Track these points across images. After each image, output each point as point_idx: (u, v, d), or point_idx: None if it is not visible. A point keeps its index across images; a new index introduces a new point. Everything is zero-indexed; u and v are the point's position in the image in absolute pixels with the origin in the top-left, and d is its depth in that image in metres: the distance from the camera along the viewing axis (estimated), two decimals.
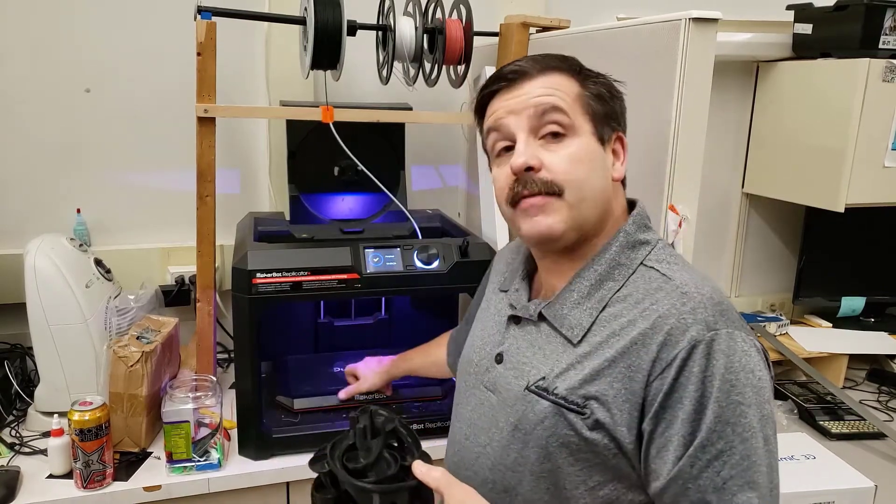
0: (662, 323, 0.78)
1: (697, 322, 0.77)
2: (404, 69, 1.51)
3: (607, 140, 0.88)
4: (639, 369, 0.78)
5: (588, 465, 0.82)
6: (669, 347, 0.77)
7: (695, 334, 0.76)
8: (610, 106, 0.89)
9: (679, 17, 1.11)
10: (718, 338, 0.76)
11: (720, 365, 0.75)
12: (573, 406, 0.81)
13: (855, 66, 1.64)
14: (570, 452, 0.82)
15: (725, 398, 0.75)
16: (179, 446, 1.25)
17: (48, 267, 1.33)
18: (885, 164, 1.69)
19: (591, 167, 0.85)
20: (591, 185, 0.85)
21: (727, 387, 0.75)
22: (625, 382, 0.79)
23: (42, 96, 1.60)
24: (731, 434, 0.74)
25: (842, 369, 1.85)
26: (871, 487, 1.34)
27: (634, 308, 0.82)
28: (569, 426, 0.81)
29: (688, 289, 0.80)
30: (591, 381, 0.80)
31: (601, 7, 1.89)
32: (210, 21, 1.31)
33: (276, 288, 1.25)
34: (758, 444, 0.75)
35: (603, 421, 0.79)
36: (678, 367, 0.76)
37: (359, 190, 1.60)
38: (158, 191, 1.72)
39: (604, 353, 0.81)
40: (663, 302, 0.80)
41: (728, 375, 0.75)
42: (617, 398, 0.79)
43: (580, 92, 0.87)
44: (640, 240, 0.88)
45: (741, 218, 2.10)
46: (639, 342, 0.79)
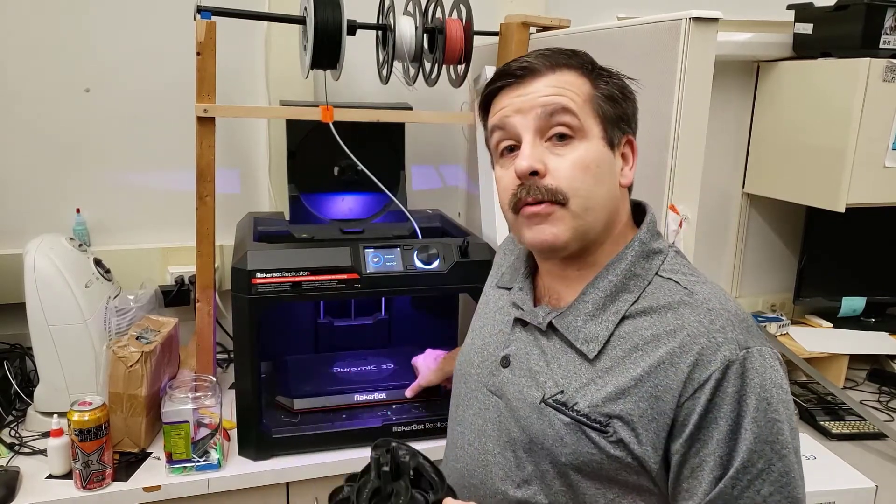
0: (692, 343, 0.76)
1: (729, 341, 0.75)
2: (404, 69, 1.51)
3: (617, 144, 0.84)
4: (667, 389, 0.76)
5: (607, 481, 0.80)
6: (702, 368, 0.75)
7: (728, 354, 0.74)
8: (622, 108, 0.85)
9: (679, 17, 1.11)
10: (751, 356, 0.75)
11: (756, 384, 0.74)
12: (596, 424, 0.78)
13: (855, 66, 1.64)
14: (591, 470, 0.80)
15: (763, 417, 0.74)
16: (179, 446, 1.25)
17: (48, 267, 1.33)
18: (886, 164, 1.69)
19: (598, 174, 0.82)
20: (598, 193, 0.82)
21: (764, 405, 0.74)
22: (651, 402, 0.76)
23: (42, 96, 1.60)
24: (770, 452, 0.74)
25: (842, 369, 1.84)
26: (871, 488, 1.34)
27: (658, 323, 0.79)
28: (591, 444, 0.79)
29: (713, 305, 0.78)
30: (616, 399, 0.78)
31: (601, 7, 1.89)
32: (210, 21, 1.31)
33: (275, 288, 1.25)
34: (792, 458, 0.75)
35: (626, 440, 0.77)
36: (713, 387, 0.74)
37: (359, 190, 1.60)
38: (158, 191, 1.72)
39: (627, 369, 0.78)
40: (689, 319, 0.78)
41: (763, 394, 0.74)
42: (643, 418, 0.77)
43: (591, 92, 0.83)
44: (654, 249, 0.86)
45: (741, 218, 2.10)
46: (667, 361, 0.76)
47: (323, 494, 1.34)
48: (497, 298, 0.99)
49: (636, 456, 0.77)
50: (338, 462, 1.33)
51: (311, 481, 1.33)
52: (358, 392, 1.44)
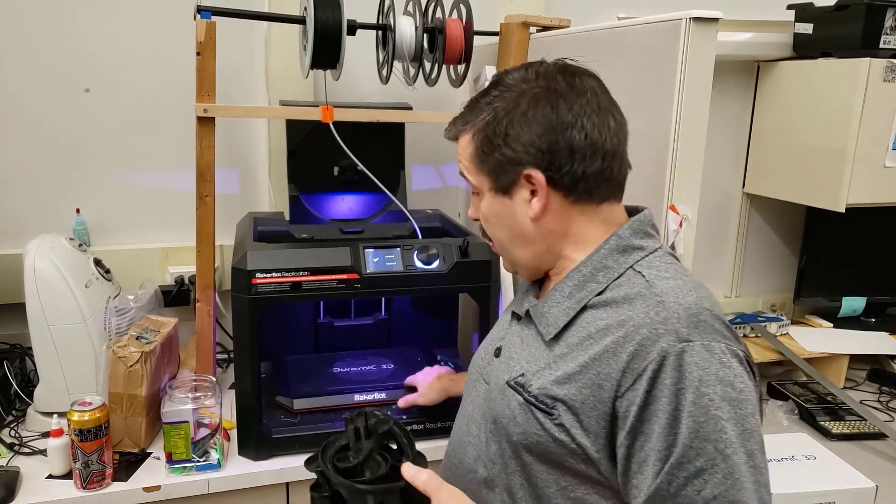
0: (634, 332, 0.76)
1: (668, 333, 0.75)
2: (404, 69, 1.51)
3: (512, 185, 0.85)
4: (608, 378, 0.77)
5: (558, 466, 0.82)
6: (639, 359, 0.75)
7: (665, 345, 0.74)
8: (495, 156, 0.85)
9: (679, 17, 1.11)
10: (691, 349, 0.74)
11: (694, 378, 0.72)
12: (542, 406, 0.81)
13: (855, 66, 1.64)
14: (540, 451, 0.82)
15: (702, 413, 0.72)
16: (179, 447, 1.25)
17: (48, 267, 1.33)
18: (886, 164, 1.69)
19: (499, 223, 0.90)
20: (504, 237, 0.90)
21: (704, 401, 0.72)
22: (593, 390, 0.78)
23: (42, 96, 1.60)
24: (711, 451, 0.71)
25: (842, 369, 1.84)
26: (871, 488, 1.33)
27: (613, 314, 0.80)
28: (538, 425, 0.81)
29: (666, 297, 0.78)
30: (562, 383, 0.80)
31: (601, 7, 1.89)
32: (210, 21, 1.31)
33: (275, 288, 1.25)
34: (740, 460, 0.71)
35: (569, 425, 0.79)
36: (649, 379, 0.74)
37: (359, 190, 1.59)
38: (158, 191, 1.72)
39: (577, 356, 0.80)
40: (639, 309, 0.78)
41: (703, 389, 0.72)
42: (585, 405, 0.78)
43: (474, 152, 0.88)
44: (634, 245, 0.85)
45: (742, 218, 2.10)
46: (610, 350, 0.78)
47: None
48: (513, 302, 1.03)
49: (578, 442, 0.79)
50: None
51: (310, 481, 1.33)
52: (358, 392, 1.44)
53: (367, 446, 0.81)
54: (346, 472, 0.80)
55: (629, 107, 0.93)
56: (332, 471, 0.80)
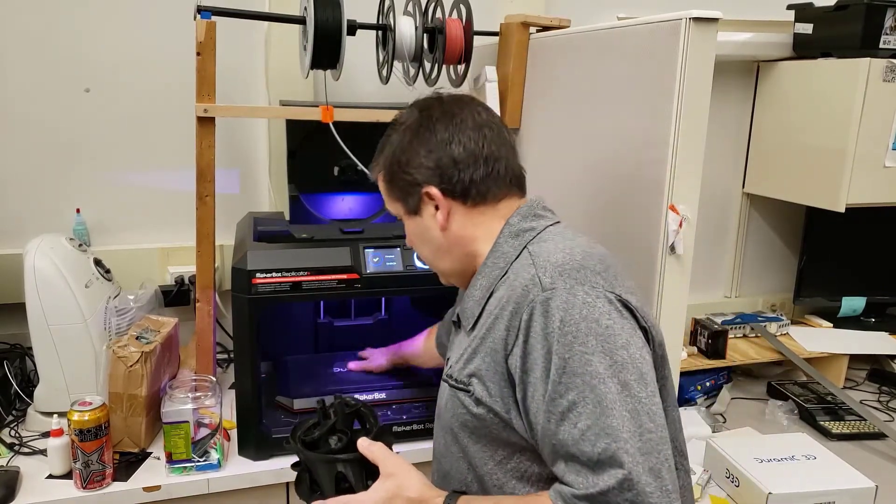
0: (512, 293, 0.85)
1: (535, 286, 0.82)
2: (404, 69, 1.51)
3: (419, 205, 0.95)
4: (498, 340, 0.85)
5: (488, 441, 0.89)
6: (516, 315, 0.83)
7: (532, 297, 0.82)
8: (398, 182, 0.96)
9: (679, 17, 1.11)
10: (555, 295, 0.80)
11: (556, 319, 0.79)
12: (461, 385, 0.89)
13: (855, 66, 1.64)
14: (470, 431, 0.90)
15: (567, 350, 0.77)
16: (179, 446, 1.25)
17: (48, 267, 1.33)
18: (886, 164, 1.69)
19: (419, 241, 0.99)
20: (428, 252, 0.99)
21: (568, 339, 0.78)
22: (492, 356, 0.85)
23: (42, 96, 1.60)
24: (580, 384, 0.76)
25: (842, 369, 1.85)
26: (871, 487, 1.34)
27: (507, 288, 0.87)
28: (461, 405, 0.89)
29: (538, 258, 0.86)
30: (471, 359, 0.89)
31: (601, 7, 1.89)
32: (210, 21, 1.31)
33: (275, 288, 1.25)
34: (609, 390, 0.76)
35: (482, 396, 0.86)
36: (524, 331, 0.81)
37: (359, 190, 1.60)
38: (158, 191, 1.72)
39: (480, 332, 0.89)
40: (520, 274, 0.86)
41: (567, 328, 0.78)
42: (489, 372, 0.86)
43: (385, 186, 0.99)
44: (525, 227, 0.93)
45: (741, 218, 2.10)
46: (498, 316, 0.86)
47: None
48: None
49: (491, 409, 0.85)
50: None
51: None
52: (358, 392, 1.44)
53: (329, 424, 0.92)
54: (310, 446, 0.91)
55: (629, 107, 0.93)
56: (300, 445, 0.91)
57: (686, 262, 1.18)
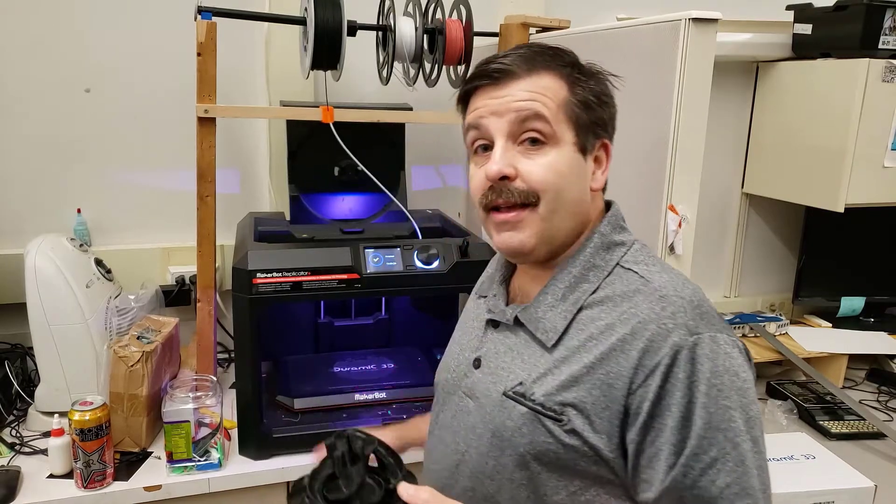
0: (642, 329, 0.77)
1: (679, 327, 0.76)
2: (404, 69, 1.51)
3: (590, 149, 0.85)
4: (619, 376, 0.76)
5: (567, 472, 0.80)
6: (651, 354, 0.75)
7: (677, 340, 0.75)
8: (597, 113, 0.85)
9: (679, 17, 1.11)
10: (701, 342, 0.75)
11: (706, 370, 0.74)
12: (550, 413, 0.79)
13: (855, 66, 1.64)
14: (549, 460, 0.80)
15: (714, 404, 0.73)
16: (180, 446, 1.25)
17: (48, 267, 1.33)
18: (885, 164, 1.69)
19: (569, 179, 0.82)
20: (567, 197, 0.83)
21: (714, 392, 0.73)
22: (604, 390, 0.77)
23: (42, 96, 1.60)
24: (722, 440, 0.73)
25: (841, 369, 1.85)
26: (870, 487, 1.34)
27: (613, 311, 0.80)
28: (546, 433, 0.79)
29: (666, 292, 0.79)
30: (569, 387, 0.79)
31: (601, 7, 1.89)
32: (210, 21, 1.31)
33: (276, 288, 1.25)
34: (747, 447, 0.74)
35: (580, 429, 0.78)
36: (663, 374, 0.74)
37: (359, 190, 1.60)
38: (158, 191, 1.72)
39: (581, 358, 0.79)
40: (642, 306, 0.78)
41: (714, 380, 0.74)
42: (596, 406, 0.77)
43: (566, 98, 0.83)
44: (616, 241, 0.86)
45: (741, 218, 2.10)
46: (618, 348, 0.77)
47: None
48: (475, 307, 1.00)
49: (591, 444, 0.77)
50: None
51: None
52: (358, 392, 1.45)
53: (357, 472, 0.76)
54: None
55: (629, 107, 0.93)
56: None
57: (685, 262, 1.19)
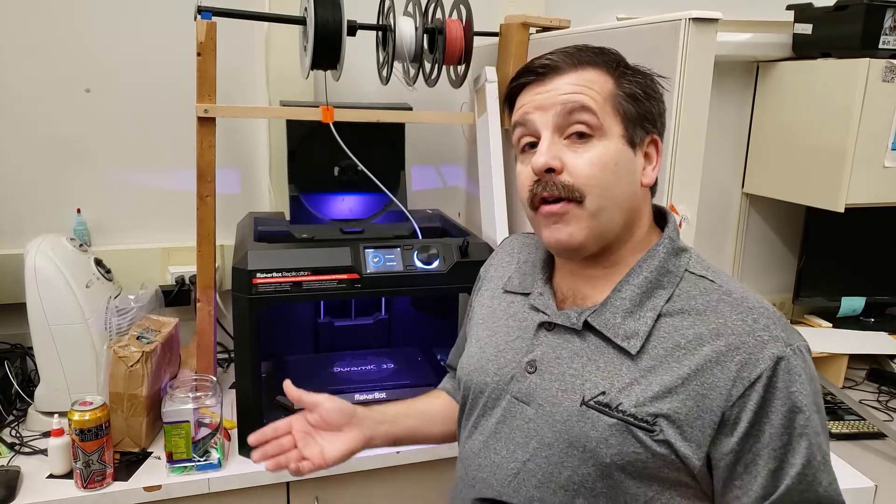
0: (738, 342, 0.78)
1: (774, 339, 0.77)
2: (404, 69, 1.51)
3: (639, 143, 0.84)
4: (714, 387, 0.77)
5: (648, 477, 0.80)
6: (751, 366, 0.76)
7: (776, 351, 0.77)
8: (645, 107, 0.84)
9: (679, 17, 1.11)
10: (795, 352, 0.78)
11: (804, 380, 0.77)
12: (642, 423, 0.78)
13: (855, 66, 1.64)
14: (636, 468, 0.79)
15: (813, 410, 0.78)
16: (180, 446, 1.25)
17: (48, 267, 1.33)
18: (886, 164, 1.69)
19: (617, 172, 0.81)
20: (615, 191, 0.81)
21: (810, 399, 0.77)
22: (697, 400, 0.77)
23: (42, 96, 1.60)
24: (821, 442, 0.79)
25: (842, 369, 1.84)
26: (871, 487, 1.34)
27: (699, 321, 0.80)
28: (637, 443, 0.78)
29: (751, 304, 0.80)
30: (662, 398, 0.78)
31: (601, 7, 1.89)
32: (210, 21, 1.31)
33: (276, 288, 1.25)
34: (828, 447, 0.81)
35: (672, 439, 0.77)
36: (765, 384, 0.76)
37: (359, 190, 1.60)
38: (158, 191, 1.72)
39: (672, 368, 0.79)
40: (732, 318, 0.79)
41: (812, 387, 0.78)
42: (689, 416, 0.77)
43: (613, 91, 0.82)
44: (681, 247, 0.87)
45: (741, 218, 2.10)
46: (713, 360, 0.78)
47: (323, 494, 1.35)
48: (507, 305, 0.96)
49: (680, 454, 0.78)
50: None
51: (311, 481, 1.34)
52: (358, 392, 1.45)
53: None
54: None
55: None
56: None
57: None
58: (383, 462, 1.36)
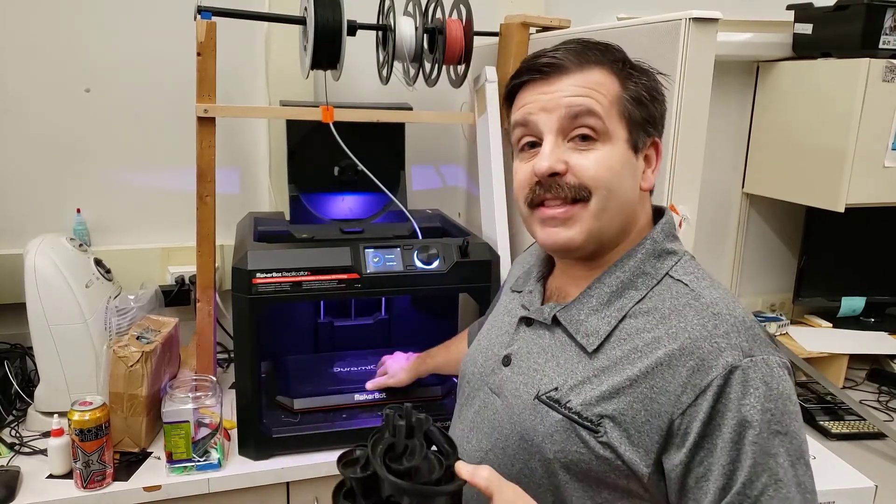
0: (693, 346, 0.74)
1: (732, 347, 0.73)
2: (404, 69, 1.51)
3: (641, 147, 0.83)
4: (663, 392, 0.74)
5: (596, 483, 0.78)
6: (702, 373, 0.73)
7: (731, 360, 0.73)
8: (649, 110, 0.83)
9: (679, 17, 1.11)
10: (755, 365, 0.73)
11: (760, 394, 0.72)
12: (586, 423, 0.77)
13: (855, 66, 1.64)
14: (579, 469, 0.78)
15: (767, 428, 0.71)
16: (179, 446, 1.25)
17: (48, 267, 1.33)
18: (886, 164, 1.69)
19: (621, 176, 0.80)
20: (618, 194, 0.80)
21: (768, 417, 0.71)
22: (646, 404, 0.75)
23: (42, 96, 1.60)
24: (774, 466, 0.71)
25: (842, 369, 1.85)
26: (871, 487, 1.34)
27: (661, 324, 0.78)
28: (580, 442, 0.77)
29: (719, 309, 0.76)
30: (609, 398, 0.76)
31: (601, 7, 1.89)
32: (210, 21, 1.31)
33: (275, 288, 1.25)
34: (798, 472, 0.72)
35: (616, 442, 0.75)
36: (715, 393, 0.72)
37: (359, 190, 1.60)
38: (158, 191, 1.72)
39: (624, 369, 0.77)
40: (693, 322, 0.76)
41: (768, 404, 0.72)
42: (636, 420, 0.75)
43: (619, 94, 0.81)
44: (667, 249, 0.84)
45: (741, 218, 2.10)
46: (664, 363, 0.75)
47: (323, 494, 1.35)
48: (508, 302, 0.98)
49: (625, 459, 0.75)
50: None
51: (311, 481, 1.34)
52: (358, 392, 1.44)
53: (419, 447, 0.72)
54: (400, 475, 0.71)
55: None
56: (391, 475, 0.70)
57: None
58: None
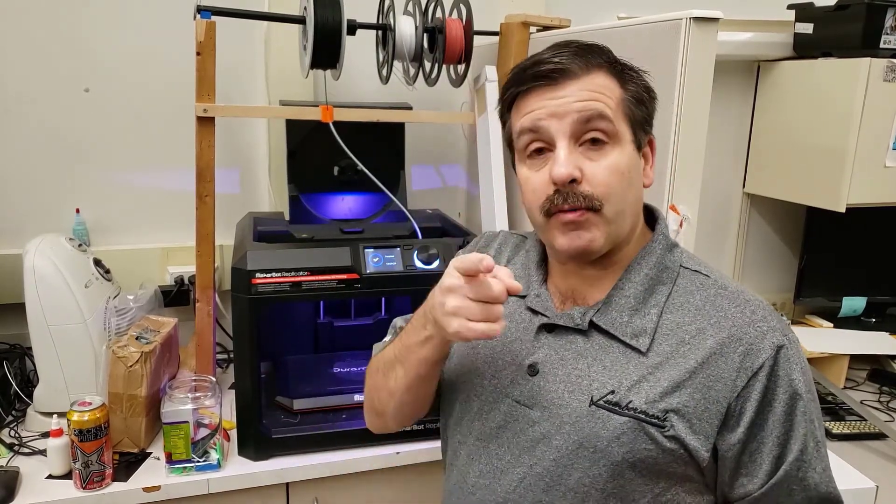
0: (739, 333, 0.80)
1: (772, 329, 0.81)
2: (404, 69, 1.51)
3: (642, 145, 0.86)
4: (719, 379, 0.79)
5: (657, 475, 0.81)
6: (752, 356, 0.79)
7: (776, 341, 0.80)
8: (647, 109, 0.86)
9: (680, 17, 1.11)
10: (790, 342, 0.81)
11: (800, 367, 0.81)
12: (654, 419, 0.79)
13: (856, 66, 1.64)
14: (645, 465, 0.80)
15: (811, 397, 0.82)
16: (179, 447, 1.24)
17: (47, 267, 1.33)
18: (886, 164, 1.69)
19: (630, 179, 0.82)
20: (628, 197, 0.82)
21: (808, 386, 0.81)
22: (704, 392, 0.79)
23: (42, 96, 1.60)
24: (815, 429, 0.82)
25: (843, 369, 1.84)
26: (871, 488, 1.33)
27: (699, 316, 0.83)
28: (648, 440, 0.79)
29: (747, 297, 0.84)
30: (672, 392, 0.79)
31: (602, 6, 1.89)
32: (209, 20, 1.31)
33: (275, 288, 1.25)
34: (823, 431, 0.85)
35: (682, 433, 0.79)
36: (767, 373, 0.79)
37: (359, 190, 1.59)
38: (158, 191, 1.72)
39: (679, 363, 0.80)
40: (731, 311, 0.82)
41: (806, 376, 0.81)
42: (697, 409, 0.79)
43: (622, 95, 0.83)
44: (673, 243, 0.89)
45: (742, 218, 2.10)
46: (717, 352, 0.80)
47: (323, 494, 1.35)
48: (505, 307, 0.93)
49: (689, 448, 0.79)
50: (338, 462, 1.33)
51: (310, 481, 1.33)
52: (358, 392, 1.44)
53: None
54: None
55: None
56: None
57: None
58: (383, 462, 1.36)
